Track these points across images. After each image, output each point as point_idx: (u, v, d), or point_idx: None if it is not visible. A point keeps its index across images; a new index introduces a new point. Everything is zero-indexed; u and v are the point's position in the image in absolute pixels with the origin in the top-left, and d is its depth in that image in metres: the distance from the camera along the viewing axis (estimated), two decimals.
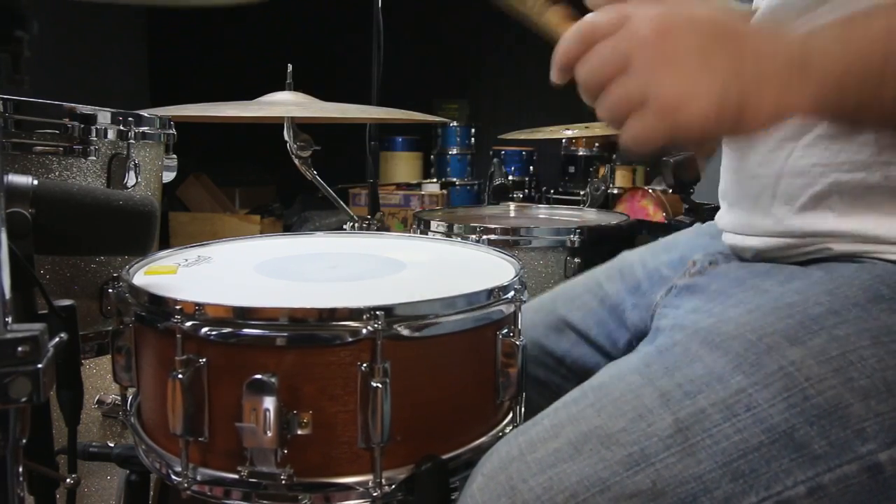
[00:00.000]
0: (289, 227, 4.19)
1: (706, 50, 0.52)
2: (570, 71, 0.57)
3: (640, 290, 0.87)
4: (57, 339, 0.48)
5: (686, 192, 1.55)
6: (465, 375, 0.67)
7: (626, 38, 0.53)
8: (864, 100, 0.52)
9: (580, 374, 0.89)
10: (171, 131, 1.23)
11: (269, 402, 0.57)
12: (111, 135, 1.08)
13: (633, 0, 0.54)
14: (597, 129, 2.09)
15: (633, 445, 0.56)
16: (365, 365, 0.60)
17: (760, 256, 0.74)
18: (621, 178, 2.83)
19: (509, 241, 1.36)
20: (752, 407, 0.56)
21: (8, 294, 0.45)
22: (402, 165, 4.61)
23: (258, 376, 0.58)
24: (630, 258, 0.93)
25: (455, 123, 4.56)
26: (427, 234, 1.44)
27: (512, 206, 1.87)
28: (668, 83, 0.52)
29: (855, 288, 0.61)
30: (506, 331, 0.69)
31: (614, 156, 2.92)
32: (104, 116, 1.06)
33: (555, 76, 0.58)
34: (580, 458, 0.56)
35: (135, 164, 1.10)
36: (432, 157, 4.66)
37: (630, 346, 0.85)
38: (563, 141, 3.44)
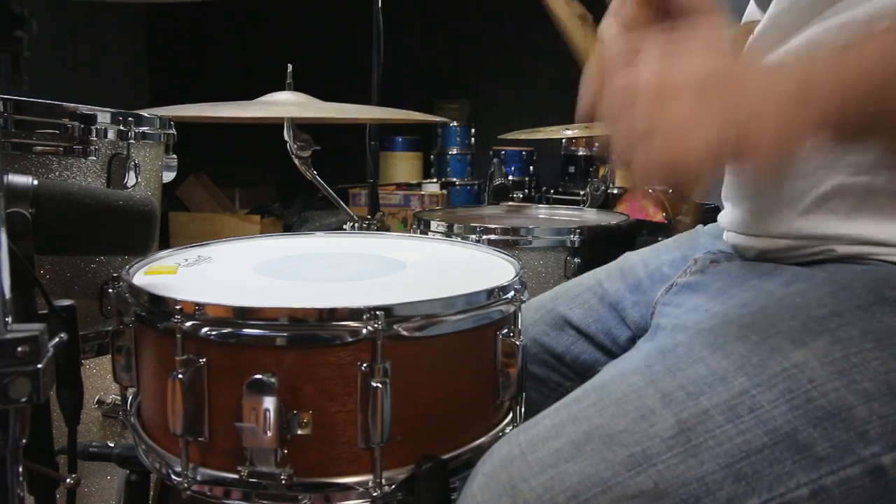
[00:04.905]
0: (289, 227, 4.19)
1: (705, 98, 0.54)
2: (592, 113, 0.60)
3: (640, 289, 0.87)
4: (57, 339, 0.48)
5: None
6: (465, 375, 0.67)
7: (630, 86, 0.55)
8: (867, 120, 0.52)
9: (580, 371, 0.89)
10: (171, 131, 1.23)
11: (269, 402, 0.57)
12: (111, 135, 1.07)
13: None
14: (597, 129, 2.09)
15: (635, 446, 0.56)
16: (365, 365, 0.60)
17: (763, 256, 0.74)
18: (621, 178, 2.82)
19: (509, 241, 1.36)
20: (755, 408, 0.55)
21: (8, 294, 0.45)
22: (402, 165, 4.61)
23: (258, 376, 0.58)
24: (631, 258, 0.94)
25: (455, 123, 4.56)
26: (427, 234, 1.44)
27: (512, 206, 1.87)
28: (670, 116, 0.54)
29: (858, 290, 0.61)
30: (506, 331, 0.69)
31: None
32: (104, 116, 1.06)
33: (579, 118, 0.62)
34: (581, 458, 0.56)
35: (135, 164, 1.10)
36: (432, 157, 4.66)
37: (631, 343, 0.85)
38: (563, 141, 3.43)
